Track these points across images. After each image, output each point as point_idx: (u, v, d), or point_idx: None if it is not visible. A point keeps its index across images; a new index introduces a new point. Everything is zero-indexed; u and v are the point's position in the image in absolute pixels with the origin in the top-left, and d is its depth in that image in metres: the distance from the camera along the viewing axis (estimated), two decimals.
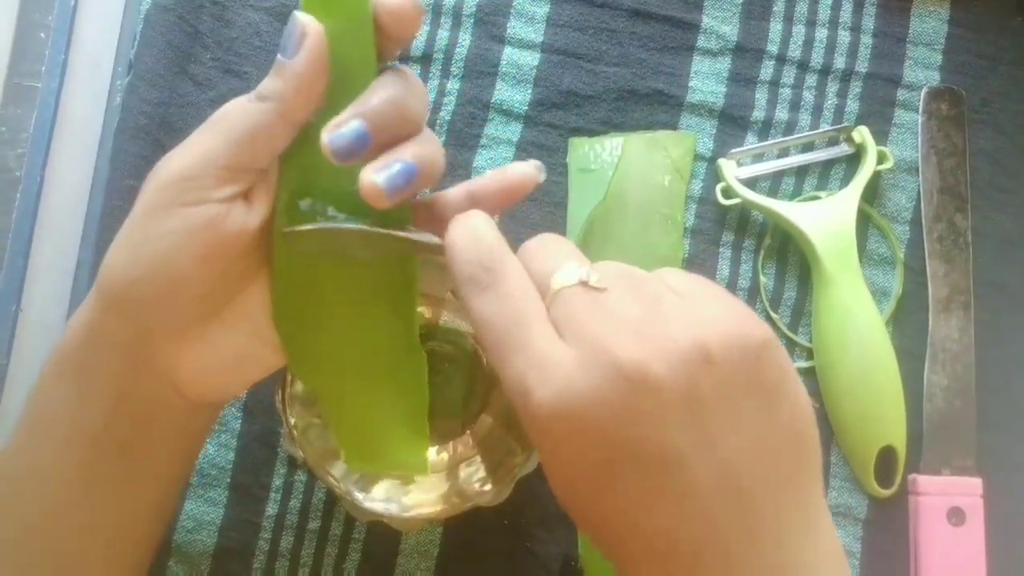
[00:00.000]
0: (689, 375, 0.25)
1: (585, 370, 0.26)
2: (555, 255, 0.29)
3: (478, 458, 0.42)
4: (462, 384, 0.43)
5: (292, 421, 0.38)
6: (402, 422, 0.35)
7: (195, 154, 0.30)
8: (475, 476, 0.40)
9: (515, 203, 0.34)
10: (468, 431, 0.42)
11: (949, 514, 0.45)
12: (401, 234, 0.32)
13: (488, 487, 0.39)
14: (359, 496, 0.38)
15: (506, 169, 0.34)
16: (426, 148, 0.31)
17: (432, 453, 0.43)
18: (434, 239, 0.32)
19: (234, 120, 0.31)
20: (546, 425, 0.26)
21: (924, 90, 0.49)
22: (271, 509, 0.45)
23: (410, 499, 0.39)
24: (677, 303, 0.27)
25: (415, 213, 0.34)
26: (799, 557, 0.27)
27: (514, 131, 0.48)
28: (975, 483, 0.46)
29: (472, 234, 0.29)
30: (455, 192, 0.34)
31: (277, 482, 0.45)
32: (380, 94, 0.31)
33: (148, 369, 0.32)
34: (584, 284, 0.27)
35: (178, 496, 0.37)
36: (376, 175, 0.30)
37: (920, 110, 0.49)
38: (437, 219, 0.34)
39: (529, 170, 0.33)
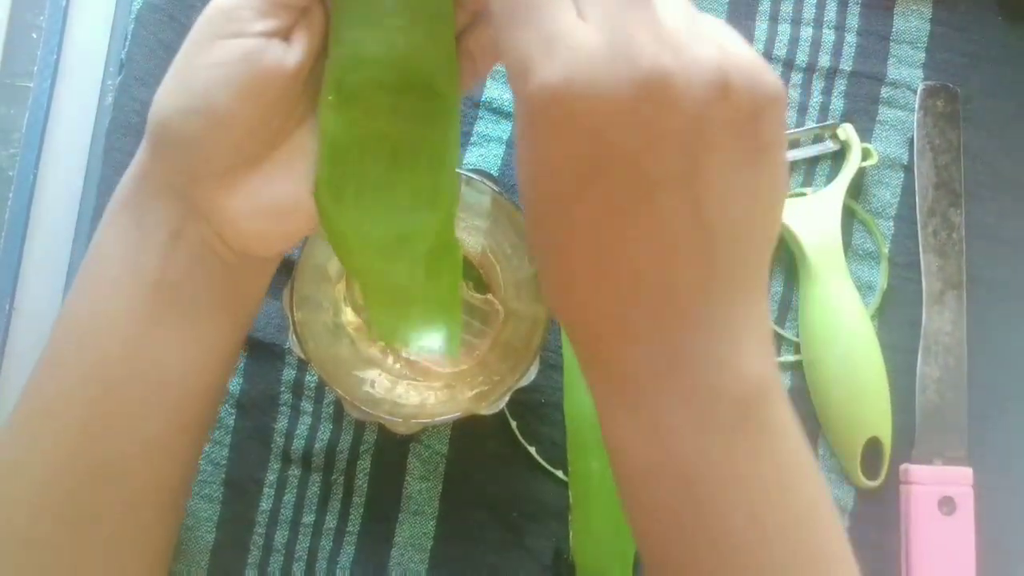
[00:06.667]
0: (704, 103, 0.24)
1: (604, 58, 0.23)
2: None
3: (476, 373, 0.43)
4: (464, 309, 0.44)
5: (298, 317, 0.38)
6: (435, 307, 0.36)
7: None
8: (473, 388, 0.42)
9: None
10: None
11: (940, 503, 0.46)
12: None
13: (484, 398, 0.40)
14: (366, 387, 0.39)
15: None
16: None
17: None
18: None
19: None
20: (541, 108, 0.24)
21: (920, 87, 0.49)
22: (265, 504, 0.46)
23: (408, 400, 0.41)
24: (715, 32, 0.25)
25: None
26: (747, 319, 0.27)
27: (504, 129, 0.48)
28: (966, 473, 0.46)
29: None
30: None
31: (271, 477, 0.46)
32: None
33: (194, 211, 0.32)
34: None
35: (230, 364, 0.36)
36: None
37: (916, 107, 0.49)
38: None
39: None
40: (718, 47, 0.24)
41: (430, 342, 0.36)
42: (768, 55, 0.49)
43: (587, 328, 0.28)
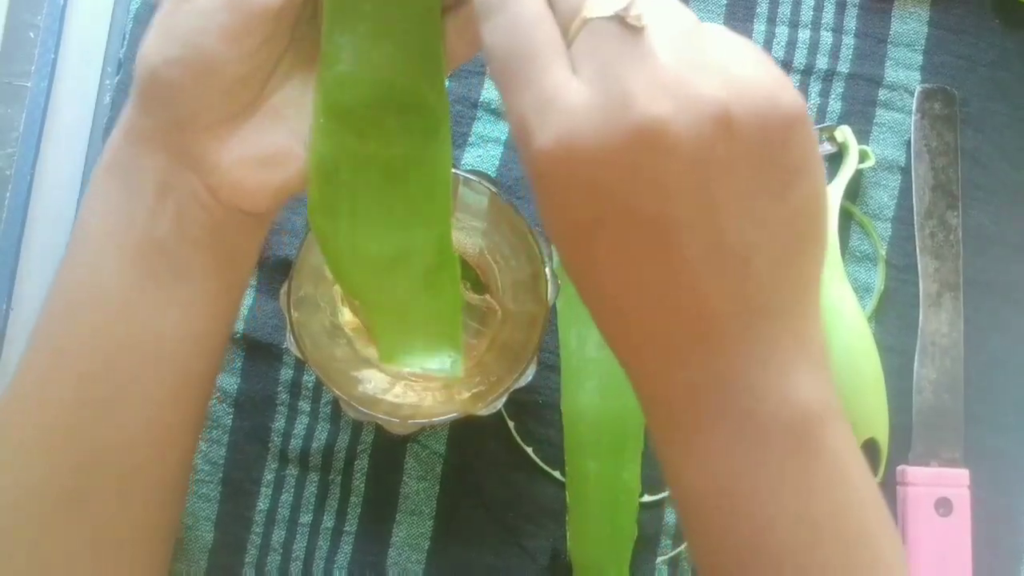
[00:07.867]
0: (705, 141, 0.23)
1: (595, 116, 0.23)
2: None
3: (474, 373, 0.43)
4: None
5: (296, 317, 0.38)
6: (437, 324, 0.36)
7: None
8: (471, 389, 0.42)
9: None
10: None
11: (937, 504, 0.46)
12: None
13: (481, 399, 0.40)
14: (363, 388, 0.38)
15: None
16: None
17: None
18: None
19: None
20: (543, 169, 0.25)
21: (917, 90, 0.50)
22: (263, 504, 0.46)
23: (405, 399, 0.41)
24: (715, 59, 0.25)
25: None
26: (794, 341, 0.26)
27: (502, 129, 0.48)
28: (962, 474, 0.46)
29: None
30: None
31: (268, 477, 0.46)
32: None
33: (183, 162, 0.32)
34: (621, 19, 0.24)
35: (225, 334, 0.36)
36: None
37: (913, 109, 0.49)
38: None
39: None
40: (722, 80, 0.24)
41: (434, 362, 0.36)
42: None
43: (631, 355, 0.28)
